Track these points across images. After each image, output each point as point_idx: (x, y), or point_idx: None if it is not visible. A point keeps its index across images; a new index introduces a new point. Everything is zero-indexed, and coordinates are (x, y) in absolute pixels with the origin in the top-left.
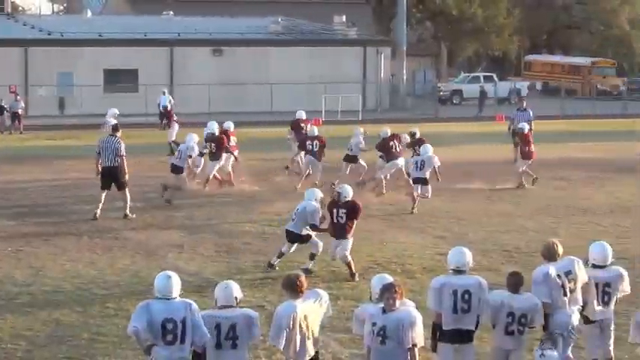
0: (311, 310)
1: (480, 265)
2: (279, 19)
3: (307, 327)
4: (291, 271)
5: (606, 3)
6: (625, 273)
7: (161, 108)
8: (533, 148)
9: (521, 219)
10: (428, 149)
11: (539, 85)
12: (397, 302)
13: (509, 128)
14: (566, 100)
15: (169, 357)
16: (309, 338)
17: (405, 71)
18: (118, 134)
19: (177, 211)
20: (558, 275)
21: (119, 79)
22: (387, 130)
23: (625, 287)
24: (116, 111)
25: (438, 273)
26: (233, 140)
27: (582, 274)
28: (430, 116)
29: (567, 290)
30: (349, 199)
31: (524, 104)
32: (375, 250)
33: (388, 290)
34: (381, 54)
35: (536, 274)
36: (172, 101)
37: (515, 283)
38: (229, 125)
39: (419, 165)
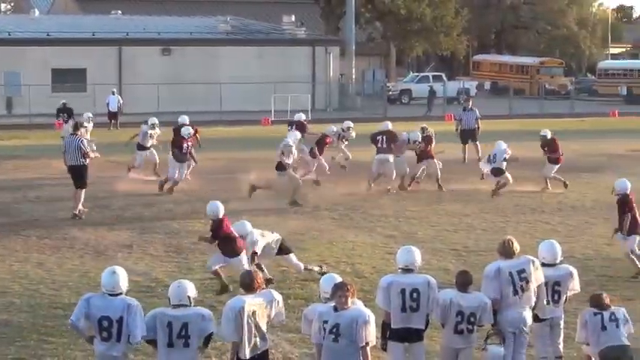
0: (260, 307)
1: (429, 264)
2: (228, 19)
3: (255, 324)
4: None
5: (553, 3)
6: (575, 272)
7: (110, 108)
8: (561, 152)
9: (470, 218)
10: (501, 144)
11: (487, 85)
12: (349, 301)
13: (456, 128)
14: (514, 99)
15: (104, 352)
16: (255, 336)
17: (354, 71)
18: (79, 133)
19: (125, 211)
20: (510, 273)
21: (67, 79)
22: (387, 124)
23: (575, 286)
24: (90, 114)
25: (388, 272)
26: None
27: (538, 275)
28: (379, 116)
29: (518, 289)
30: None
31: (471, 104)
32: (324, 249)
33: (340, 289)
34: (330, 53)
35: (488, 270)
36: (121, 101)
37: (463, 282)
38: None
39: (491, 158)
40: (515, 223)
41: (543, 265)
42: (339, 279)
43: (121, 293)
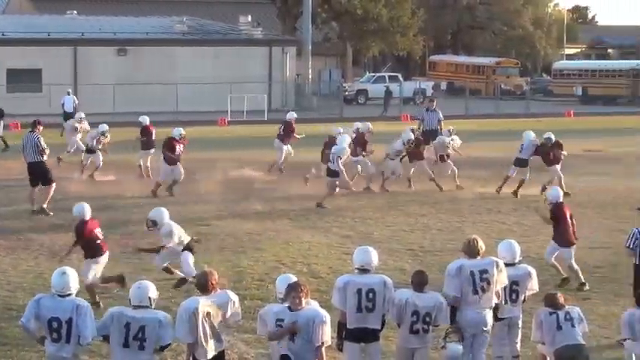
0: (215, 308)
1: (386, 265)
2: (185, 19)
3: (210, 325)
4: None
5: (509, 3)
6: (533, 271)
7: (65, 108)
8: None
9: (426, 218)
10: (530, 134)
11: (443, 85)
12: (303, 301)
13: (418, 128)
14: (470, 99)
15: (55, 353)
16: (211, 337)
17: (310, 71)
18: (37, 130)
19: None
20: (472, 272)
21: (22, 79)
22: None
23: (533, 285)
24: (82, 114)
25: (344, 272)
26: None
27: (502, 278)
28: (335, 116)
29: (478, 289)
30: None
31: (434, 105)
32: (280, 249)
33: (294, 289)
34: (287, 54)
35: (450, 267)
36: (77, 101)
37: (420, 282)
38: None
39: (521, 148)
40: (471, 223)
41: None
42: (294, 279)
43: (70, 294)
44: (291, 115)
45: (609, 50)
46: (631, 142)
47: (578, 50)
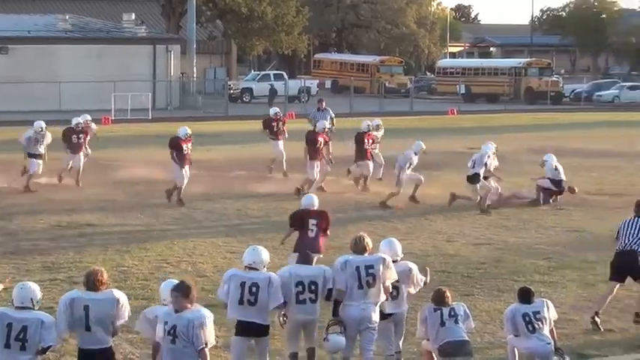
0: (97, 305)
1: (272, 262)
2: (68, 17)
3: (92, 318)
4: None
5: (393, 2)
6: (414, 267)
7: None
8: None
9: None
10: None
11: (328, 84)
12: (186, 302)
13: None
14: (354, 97)
15: None
16: (93, 332)
17: (195, 69)
18: None
19: None
20: (357, 267)
21: None
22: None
23: (415, 281)
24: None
25: None
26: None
27: (391, 274)
28: (221, 114)
29: (364, 283)
30: None
31: (324, 104)
32: (165, 249)
33: (176, 290)
34: (171, 52)
35: (337, 262)
36: None
37: (304, 259)
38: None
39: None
40: (355, 220)
41: None
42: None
43: None
44: (272, 111)
45: (492, 49)
46: (514, 139)
47: (462, 49)
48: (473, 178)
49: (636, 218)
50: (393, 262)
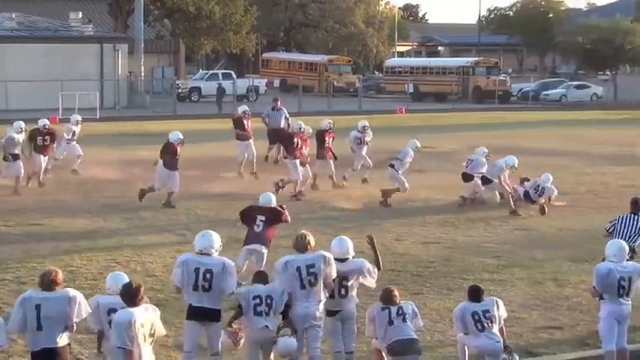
0: (49, 302)
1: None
2: (14, 15)
3: (43, 317)
4: None
5: (341, 2)
6: (367, 266)
7: None
8: None
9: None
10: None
11: (276, 83)
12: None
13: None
14: (303, 96)
15: None
16: (45, 330)
17: (143, 68)
18: None
19: None
20: (298, 267)
21: None
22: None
23: (367, 282)
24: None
25: None
26: None
27: (331, 271)
28: (169, 114)
29: (305, 283)
30: None
31: (279, 103)
32: (114, 248)
33: (133, 294)
34: (119, 51)
35: (277, 264)
36: None
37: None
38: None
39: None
40: (305, 219)
41: (335, 260)
42: (124, 276)
43: None
44: (241, 109)
45: (440, 48)
46: (461, 138)
47: (410, 48)
48: (467, 177)
49: (632, 215)
50: (342, 260)
